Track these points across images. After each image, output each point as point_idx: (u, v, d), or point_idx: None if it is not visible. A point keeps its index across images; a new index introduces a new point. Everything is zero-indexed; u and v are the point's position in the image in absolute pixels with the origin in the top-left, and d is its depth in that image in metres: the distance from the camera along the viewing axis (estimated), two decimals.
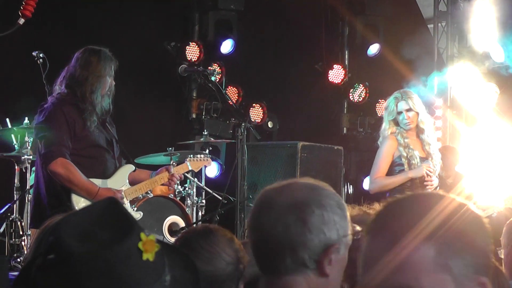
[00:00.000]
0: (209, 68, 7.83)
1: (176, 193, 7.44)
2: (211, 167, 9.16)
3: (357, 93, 10.92)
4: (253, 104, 10.32)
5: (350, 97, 10.95)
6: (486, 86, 8.18)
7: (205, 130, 8.60)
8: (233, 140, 7.59)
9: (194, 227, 4.60)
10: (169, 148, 7.34)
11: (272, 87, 10.43)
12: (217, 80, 9.00)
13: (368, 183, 7.23)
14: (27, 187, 7.32)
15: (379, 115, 10.25)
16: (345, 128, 11.07)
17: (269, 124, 10.44)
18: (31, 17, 6.27)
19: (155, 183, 6.06)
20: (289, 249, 2.23)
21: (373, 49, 10.79)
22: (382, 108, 8.40)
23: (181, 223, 6.38)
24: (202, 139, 8.35)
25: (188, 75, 9.42)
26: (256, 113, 10.36)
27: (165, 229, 6.31)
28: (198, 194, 7.93)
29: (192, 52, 9.85)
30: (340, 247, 2.27)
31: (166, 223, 6.34)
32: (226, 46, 10.12)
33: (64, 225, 1.62)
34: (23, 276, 1.66)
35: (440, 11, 10.92)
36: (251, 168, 7.88)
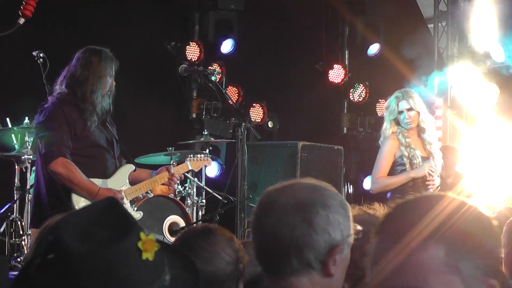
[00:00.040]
0: (209, 68, 7.83)
1: (176, 193, 7.43)
2: (211, 167, 9.16)
3: (357, 93, 10.92)
4: (253, 104, 10.32)
5: (350, 97, 10.95)
6: (487, 86, 8.19)
7: (205, 130, 8.60)
8: (233, 140, 7.59)
9: (194, 227, 4.60)
10: (169, 148, 7.34)
11: (272, 87, 10.42)
12: (217, 80, 9.00)
13: (370, 183, 7.22)
14: (27, 187, 7.31)
15: (379, 115, 10.24)
16: (345, 128, 11.06)
17: (269, 124, 10.44)
18: (31, 17, 6.26)
19: (155, 183, 6.06)
20: (295, 250, 2.23)
21: (373, 49, 10.78)
22: (382, 108, 8.41)
23: (181, 223, 6.38)
24: (202, 139, 8.35)
25: (188, 75, 9.42)
26: (256, 113, 10.36)
27: (165, 229, 6.31)
28: (198, 194, 7.93)
29: (192, 52, 9.85)
30: (344, 247, 2.28)
31: (166, 223, 6.34)
32: (226, 46, 10.12)
33: (64, 225, 1.62)
34: (23, 276, 1.66)
35: (440, 11, 10.91)
36: (251, 168, 7.88)
